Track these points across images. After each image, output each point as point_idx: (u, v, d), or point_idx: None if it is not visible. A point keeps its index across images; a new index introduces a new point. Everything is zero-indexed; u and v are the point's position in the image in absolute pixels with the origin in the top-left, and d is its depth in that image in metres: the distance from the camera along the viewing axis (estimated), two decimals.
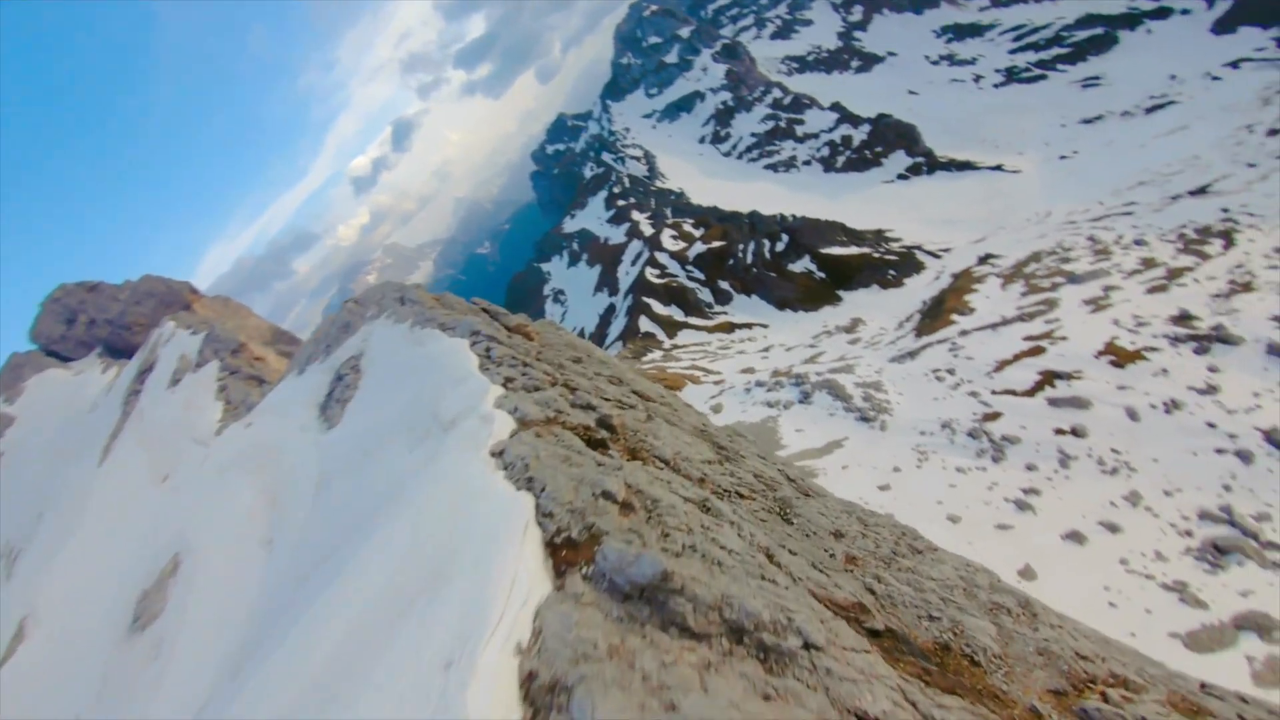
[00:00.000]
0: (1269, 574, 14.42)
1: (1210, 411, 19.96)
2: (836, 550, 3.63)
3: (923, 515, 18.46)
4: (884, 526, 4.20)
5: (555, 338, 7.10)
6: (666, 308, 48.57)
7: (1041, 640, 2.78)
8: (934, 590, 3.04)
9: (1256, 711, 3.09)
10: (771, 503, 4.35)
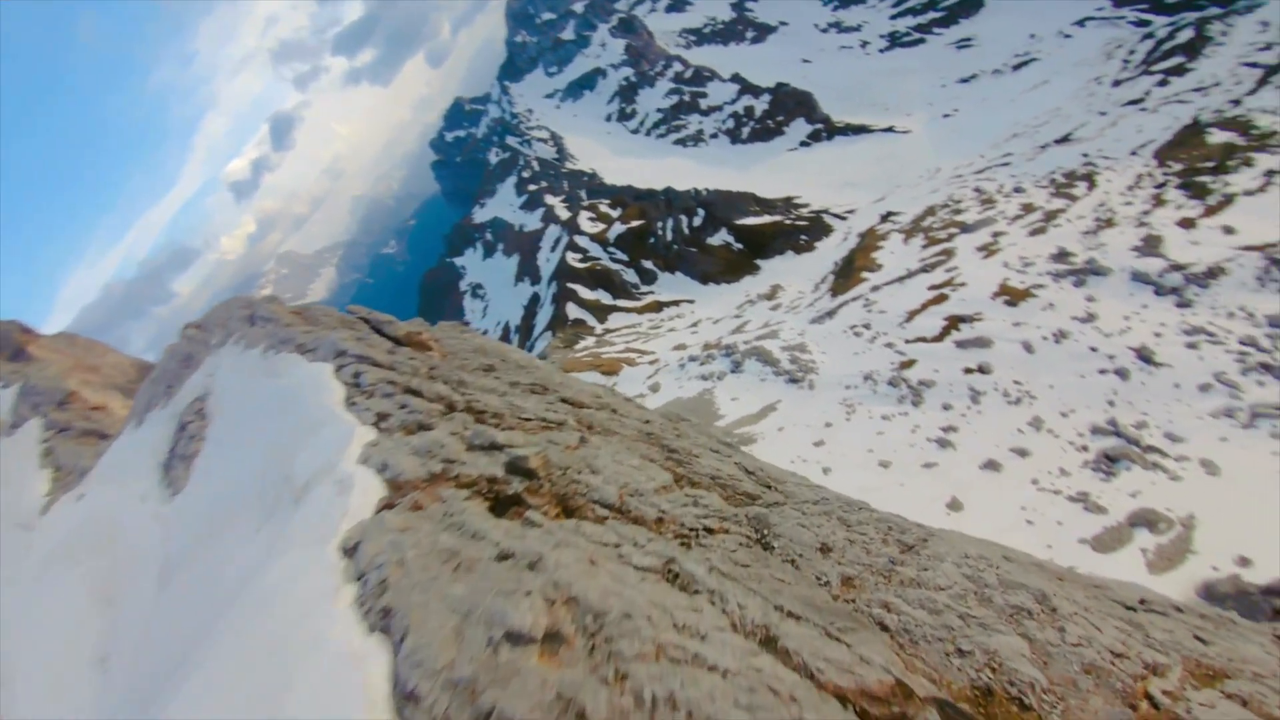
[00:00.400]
0: (1151, 474, 16.36)
1: (1091, 337, 22.27)
2: (829, 574, 2.90)
3: (855, 464, 19.43)
4: (868, 524, 3.77)
5: (460, 343, 6.00)
6: (593, 292, 47.90)
7: (1077, 649, 2.48)
8: (950, 607, 2.60)
9: (1193, 620, 3.25)
10: (746, 527, 3.34)
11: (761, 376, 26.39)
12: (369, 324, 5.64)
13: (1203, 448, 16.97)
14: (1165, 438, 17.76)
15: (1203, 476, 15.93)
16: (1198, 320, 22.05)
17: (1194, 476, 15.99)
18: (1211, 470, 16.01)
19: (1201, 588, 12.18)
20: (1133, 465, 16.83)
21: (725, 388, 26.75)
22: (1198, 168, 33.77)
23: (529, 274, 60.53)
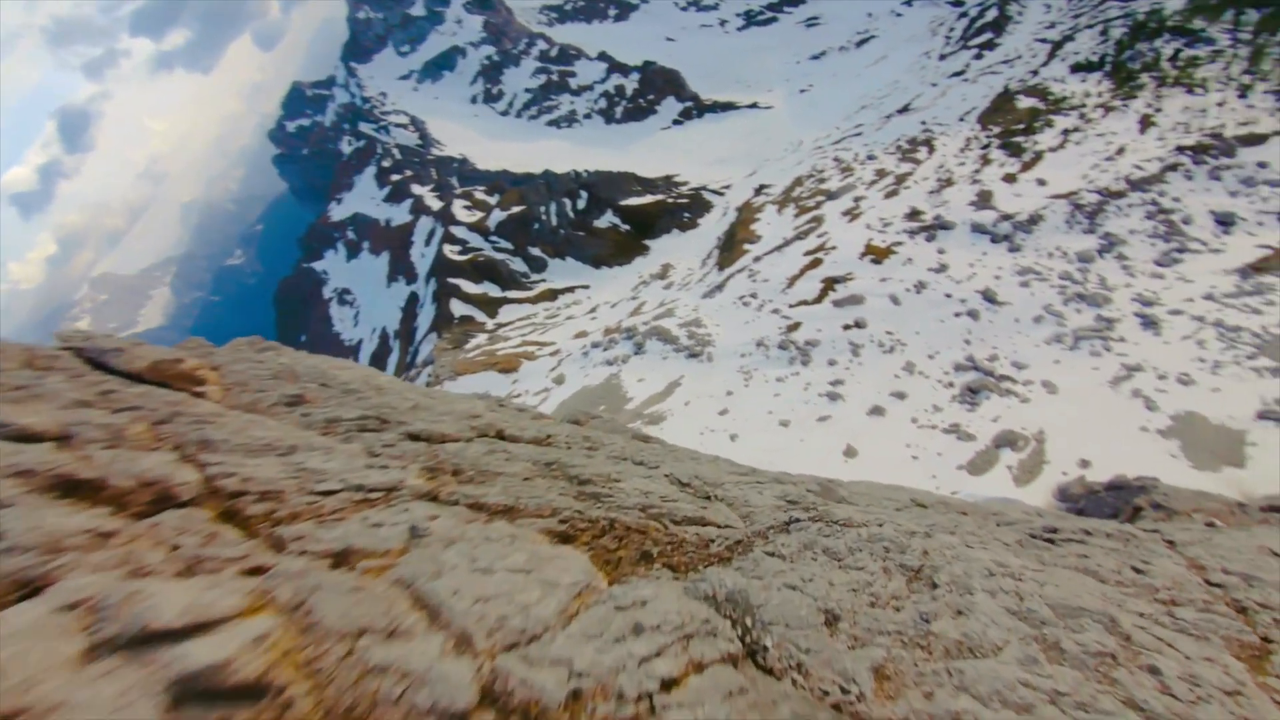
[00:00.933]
0: (1006, 400, 18.68)
1: (945, 285, 24.94)
2: (855, 671, 1.81)
3: (758, 427, 20.22)
4: (859, 549, 2.87)
5: (256, 368, 4.17)
6: (479, 285, 45.48)
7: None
8: (1029, 685, 1.68)
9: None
10: (723, 639, 1.94)
11: (664, 355, 26.60)
12: (84, 356, 3.34)
13: (1042, 371, 19.72)
14: (1013, 366, 20.39)
15: (1045, 396, 18.50)
16: (1026, 262, 25.54)
17: (1039, 397, 18.51)
18: (1051, 389, 18.63)
19: (1056, 491, 14.09)
20: (991, 394, 19.13)
21: (631, 370, 26.64)
22: (1012, 130, 39.09)
23: (403, 272, 56.09)
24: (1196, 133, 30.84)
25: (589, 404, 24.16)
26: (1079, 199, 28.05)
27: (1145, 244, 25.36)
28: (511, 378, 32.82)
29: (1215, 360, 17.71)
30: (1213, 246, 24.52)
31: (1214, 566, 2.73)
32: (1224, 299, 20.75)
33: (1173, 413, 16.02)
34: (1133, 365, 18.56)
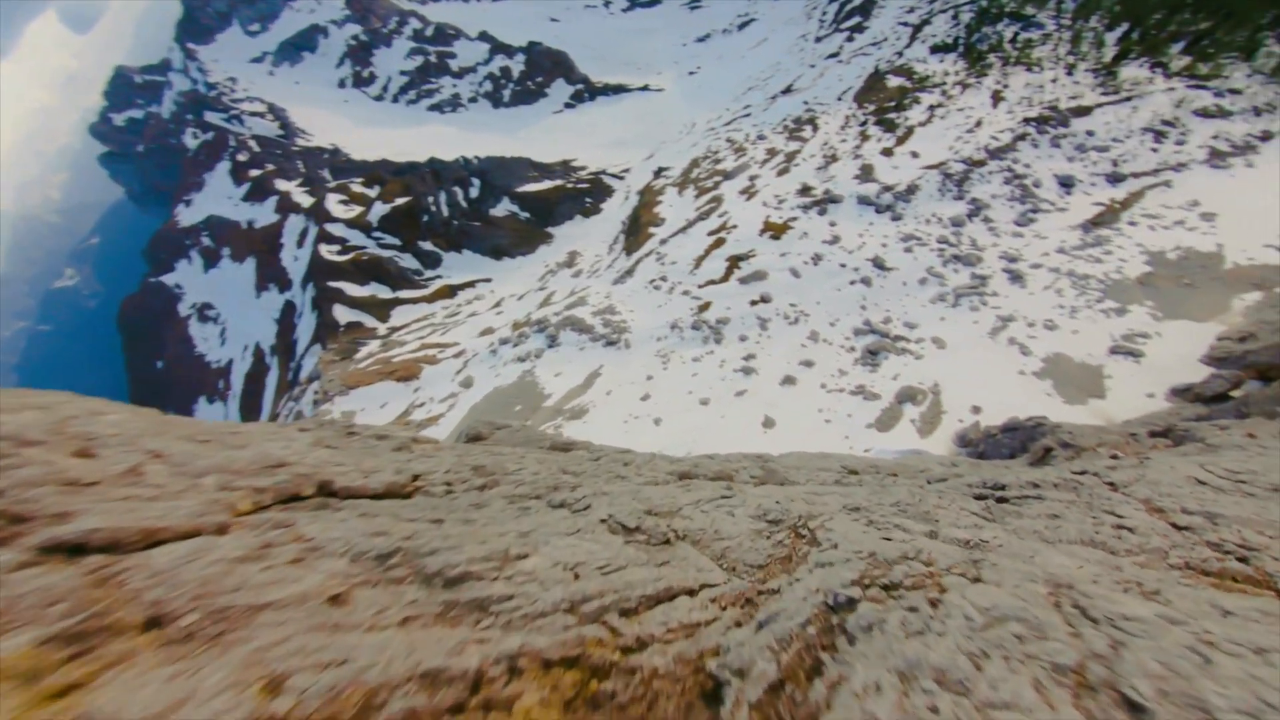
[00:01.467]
0: (902, 358, 19.88)
1: (839, 256, 26.19)
2: None
3: (681, 408, 20.15)
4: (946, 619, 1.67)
5: None
6: (365, 287, 41.78)
7: None
8: None
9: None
10: None
11: (579, 345, 25.80)
12: None
13: (931, 328, 21.24)
14: (905, 326, 21.80)
15: (936, 351, 19.91)
16: (908, 229, 27.45)
17: (930, 352, 19.88)
18: (940, 345, 20.09)
19: (955, 438, 15.12)
20: (889, 354, 20.30)
21: (546, 365, 25.58)
22: (885, 107, 41.95)
23: (274, 279, 50.37)
24: (1038, 106, 34.69)
25: (503, 406, 22.90)
26: (948, 169, 30.58)
27: (1005, 206, 28.14)
28: (412, 385, 30.54)
29: (1072, 306, 19.91)
30: (1059, 206, 27.69)
31: (1171, 508, 2.61)
32: (1073, 251, 23.44)
33: (1043, 355, 17.79)
34: (1006, 316, 20.45)
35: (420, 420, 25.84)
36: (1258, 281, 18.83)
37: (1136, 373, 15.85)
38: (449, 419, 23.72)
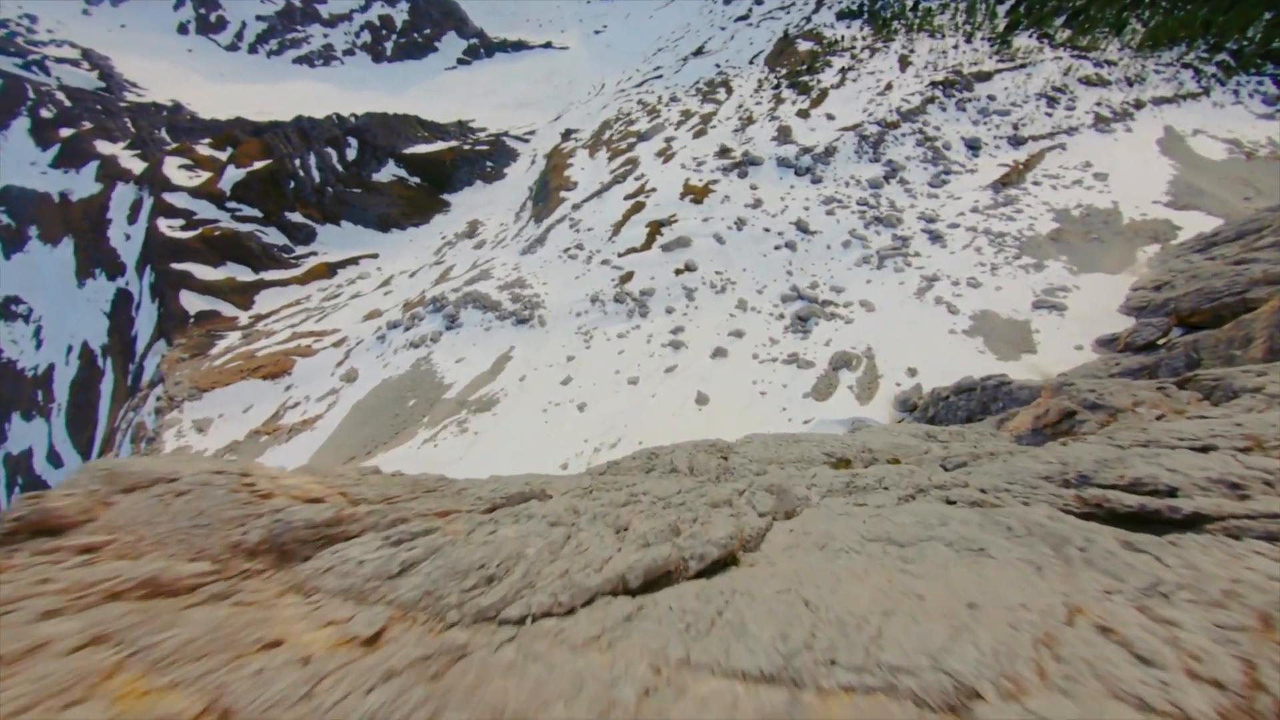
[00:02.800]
0: (833, 323, 19.48)
1: (763, 220, 25.54)
2: None
3: (608, 389, 18.55)
4: None
5: None
6: (219, 269, 36.04)
7: None
8: None
9: None
10: None
11: (485, 325, 23.33)
12: None
13: (858, 291, 21.05)
14: (833, 290, 21.49)
15: (865, 314, 19.67)
16: (828, 191, 27.32)
17: (860, 316, 19.62)
18: (869, 308, 19.88)
19: (896, 402, 14.68)
20: (819, 320, 19.84)
21: (445, 350, 22.90)
22: (797, 70, 42.00)
23: (101, 264, 42.43)
24: (943, 70, 35.92)
25: (393, 401, 20.14)
26: (863, 130, 30.84)
27: (919, 168, 28.79)
28: (283, 383, 26.62)
29: (991, 263, 20.37)
30: (968, 168, 28.72)
31: None
32: (986, 211, 24.21)
33: (970, 313, 17.94)
34: (930, 276, 20.60)
35: (293, 424, 22.38)
36: (1154, 235, 20.17)
37: (1062, 325, 16.23)
38: (328, 421, 20.58)
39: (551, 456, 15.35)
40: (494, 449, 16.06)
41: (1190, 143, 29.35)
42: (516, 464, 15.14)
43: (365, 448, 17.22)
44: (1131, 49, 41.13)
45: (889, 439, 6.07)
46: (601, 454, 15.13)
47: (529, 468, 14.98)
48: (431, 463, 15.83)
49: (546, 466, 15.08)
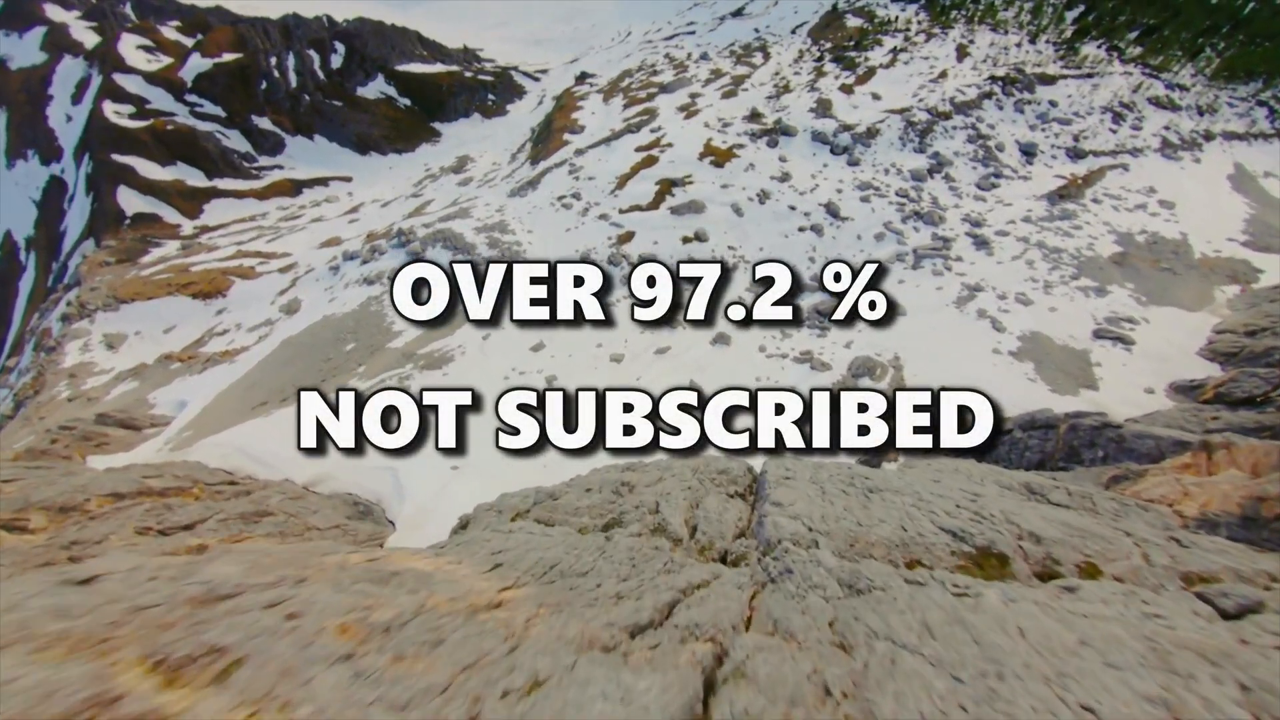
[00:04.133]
0: (855, 323, 17.25)
1: (789, 196, 23.15)
2: None
3: (584, 364, 16.20)
4: None
5: None
6: (168, 168, 32.67)
7: None
8: None
9: None
10: None
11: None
12: None
13: (888, 291, 18.84)
14: None
15: (895, 317, 17.45)
16: (865, 176, 24.96)
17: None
18: (900, 311, 17.66)
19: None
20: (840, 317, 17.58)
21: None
22: (844, 45, 39.32)
23: (35, 144, 38.53)
24: (1004, 66, 33.50)
25: (329, 342, 17.56)
26: (911, 116, 28.43)
27: (968, 167, 26.52)
28: (215, 306, 23.86)
29: (1045, 280, 18.26)
30: (1021, 174, 26.52)
31: None
32: (1040, 222, 22.07)
33: (1019, 333, 15.83)
34: (973, 285, 18.45)
35: (213, 353, 19.72)
36: (1232, 274, 18.19)
37: (1129, 362, 14.15)
38: (253, 355, 17.96)
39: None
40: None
41: (1262, 184, 27.43)
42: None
43: (283, 393, 14.68)
44: (1205, 76, 39.09)
45: (1015, 504, 3.81)
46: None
47: (479, 441, 12.62)
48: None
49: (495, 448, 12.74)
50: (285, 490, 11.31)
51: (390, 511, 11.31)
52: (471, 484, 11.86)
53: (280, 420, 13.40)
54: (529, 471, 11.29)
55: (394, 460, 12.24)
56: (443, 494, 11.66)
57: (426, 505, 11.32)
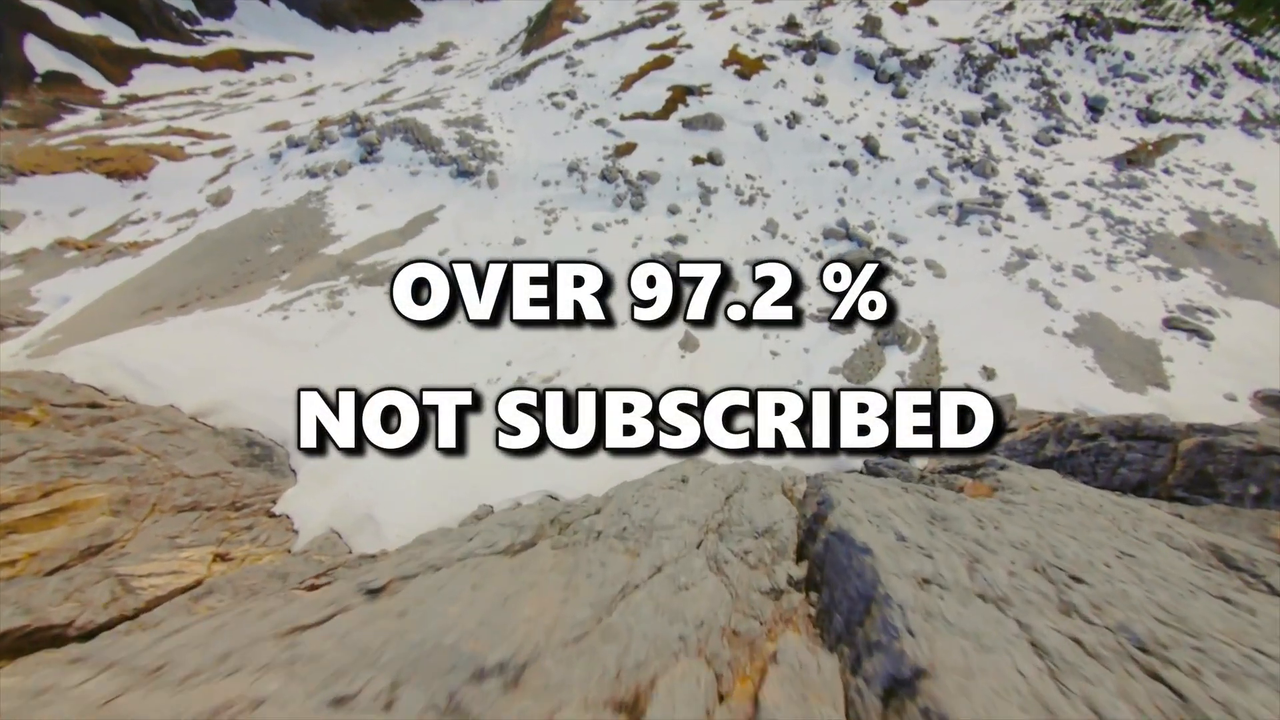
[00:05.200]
0: (886, 280, 15.30)
1: (823, 123, 20.63)
2: None
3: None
4: None
5: None
6: (89, 19, 28.70)
7: None
8: None
9: None
10: None
11: (412, 166, 18.18)
12: None
13: (926, 247, 16.86)
14: (890, 239, 17.25)
15: (931, 279, 15.59)
16: (911, 112, 22.42)
17: (924, 280, 15.54)
18: (938, 272, 15.77)
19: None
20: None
21: (348, 188, 17.80)
22: None
23: None
24: (1080, 4, 30.33)
25: (254, 238, 15.18)
26: (971, 48, 25.61)
27: (1027, 116, 24.06)
28: (133, 189, 21.11)
29: (1109, 254, 16.37)
30: (1085, 132, 24.19)
31: None
32: (1105, 187, 19.97)
33: (1076, 312, 14.07)
34: (1025, 251, 16.52)
35: (119, 244, 17.24)
36: None
37: (1206, 360, 12.47)
38: (163, 250, 15.52)
39: (452, 373, 11.03)
40: (372, 341, 11.61)
41: None
42: (396, 372, 10.80)
43: (184, 297, 12.46)
44: None
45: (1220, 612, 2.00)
46: (531, 382, 10.88)
47: (415, 381, 10.69)
48: (271, 339, 11.32)
49: (438, 379, 10.82)
50: (161, 420, 9.32)
51: (294, 457, 9.42)
52: None
53: (175, 331, 11.27)
54: (481, 454, 9.44)
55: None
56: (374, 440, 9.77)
57: (346, 456, 9.45)
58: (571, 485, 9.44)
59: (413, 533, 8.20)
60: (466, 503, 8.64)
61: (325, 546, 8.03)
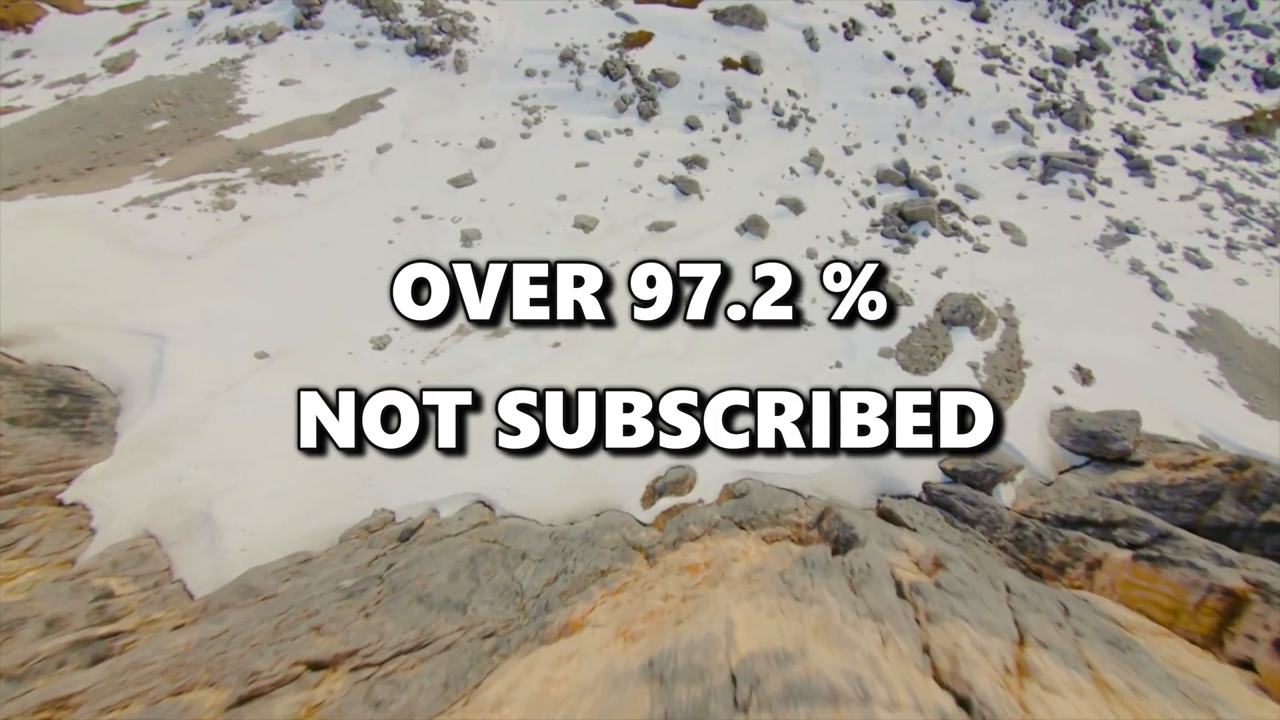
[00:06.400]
0: (953, 242, 12.85)
1: (888, 38, 17.65)
2: None
3: (532, 222, 11.48)
4: None
5: None
6: None
7: None
8: None
9: None
10: None
11: (358, 37, 15.04)
12: None
13: (1002, 207, 14.33)
14: (958, 191, 14.69)
15: (1009, 246, 13.10)
16: (994, 40, 19.43)
17: (1000, 246, 13.06)
18: (1017, 238, 13.27)
19: (1057, 423, 8.59)
20: (931, 230, 13.05)
21: (272, 58, 14.75)
22: None
23: None
24: None
25: (133, 111, 12.21)
26: None
27: (1127, 63, 21.12)
28: (12, 44, 17.82)
29: (1228, 238, 13.96)
30: (1191, 89, 21.40)
31: None
32: (1220, 157, 17.35)
33: (1191, 307, 11.72)
34: (1125, 223, 14.05)
35: None
36: None
37: None
38: (30, 116, 12.50)
39: (375, 310, 8.47)
40: (266, 258, 8.96)
41: None
42: (290, 306, 8.22)
43: (16, 179, 9.60)
44: None
45: None
46: (479, 330, 8.39)
47: (320, 318, 8.15)
48: (127, 244, 8.70)
49: (354, 322, 8.28)
50: None
51: (125, 414, 6.92)
52: (281, 390, 7.48)
53: None
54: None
55: (172, 330, 7.78)
56: (231, 399, 7.29)
57: (191, 418, 6.97)
58: (506, 486, 7.17)
59: (268, 546, 5.83)
60: (356, 508, 6.25)
61: (128, 562, 5.61)
